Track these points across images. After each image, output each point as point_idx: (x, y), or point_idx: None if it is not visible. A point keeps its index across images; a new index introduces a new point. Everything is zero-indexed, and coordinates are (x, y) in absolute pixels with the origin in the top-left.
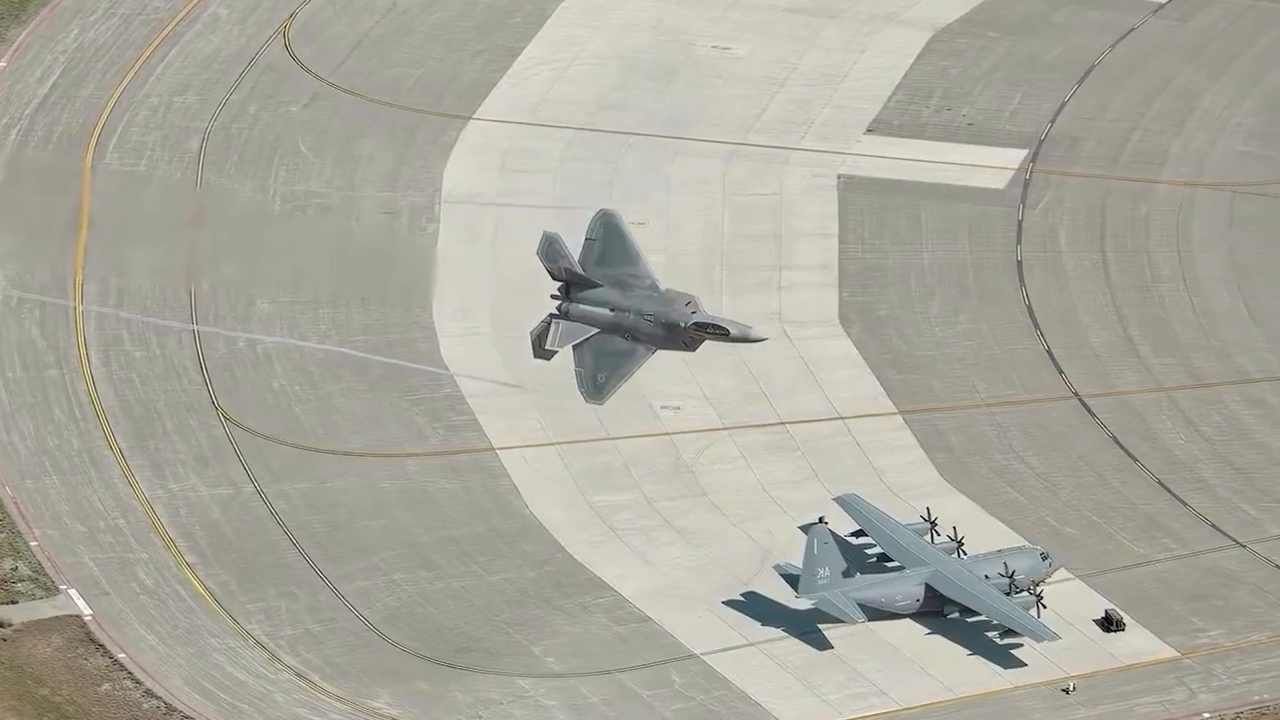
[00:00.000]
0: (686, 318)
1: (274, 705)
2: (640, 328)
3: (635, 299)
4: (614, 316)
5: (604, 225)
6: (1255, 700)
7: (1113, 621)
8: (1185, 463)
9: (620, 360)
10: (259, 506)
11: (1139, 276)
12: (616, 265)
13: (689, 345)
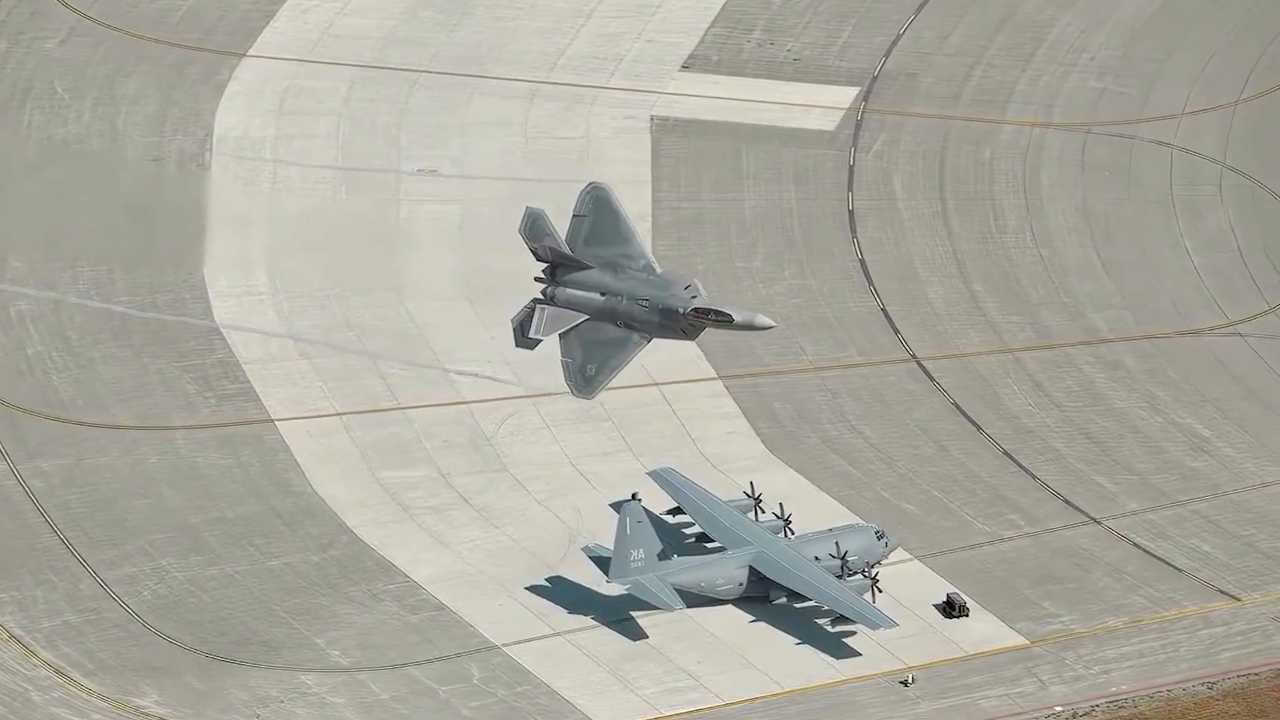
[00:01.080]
0: (685, 303)
1: (30, 705)
2: (634, 314)
3: (629, 282)
4: (605, 301)
5: (594, 200)
6: (1112, 692)
7: (955, 606)
8: (1034, 431)
9: (612, 350)
10: (13, 486)
11: (983, 226)
12: (608, 244)
13: (688, 333)
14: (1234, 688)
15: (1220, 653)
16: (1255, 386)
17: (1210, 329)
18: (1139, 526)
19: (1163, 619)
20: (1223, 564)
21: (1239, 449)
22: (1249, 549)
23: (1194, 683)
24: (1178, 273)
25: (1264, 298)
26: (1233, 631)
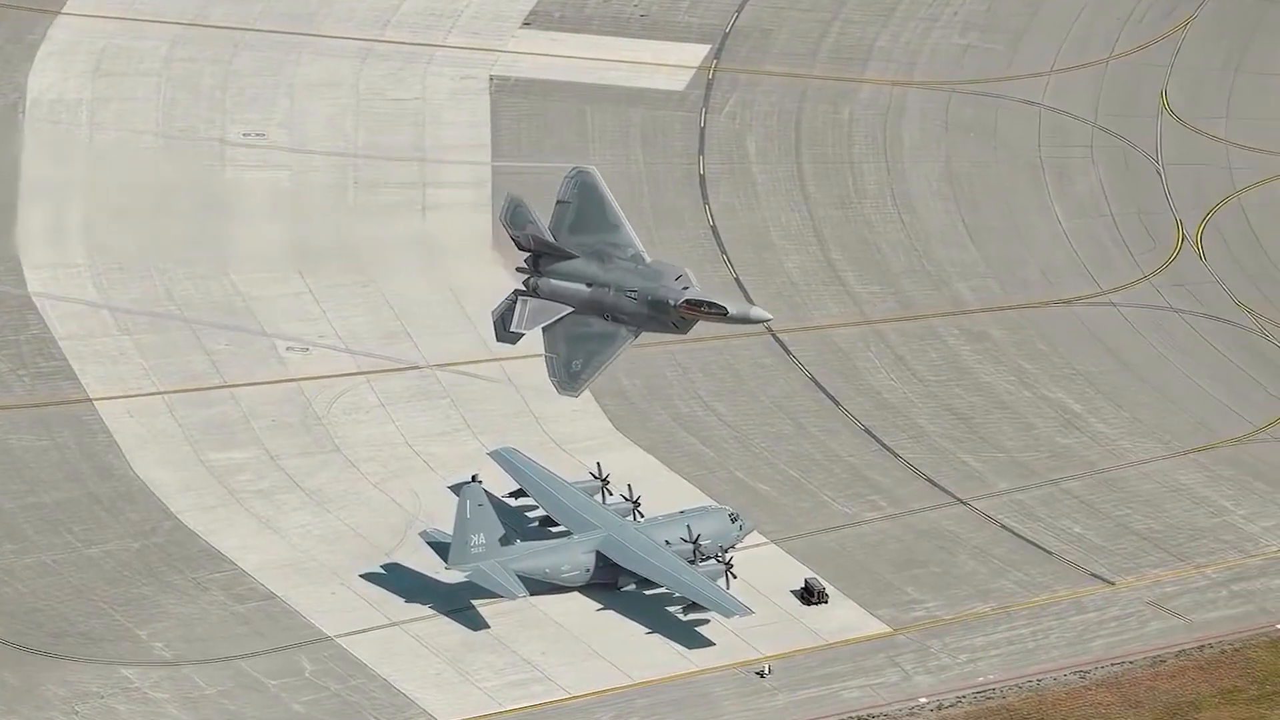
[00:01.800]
0: (677, 295)
1: None
2: (622, 306)
3: (616, 272)
4: (591, 293)
5: (579, 185)
6: (979, 682)
7: (814, 593)
8: (896, 407)
9: (599, 344)
10: None
11: (841, 191)
12: (594, 232)
13: (679, 326)
14: (1107, 676)
15: (1093, 640)
16: (1129, 359)
17: (1081, 298)
18: (1007, 507)
19: (1032, 605)
20: (1095, 546)
21: (1112, 425)
22: (1123, 530)
23: (1065, 671)
24: (1047, 239)
25: (1138, 265)
26: (1106, 617)
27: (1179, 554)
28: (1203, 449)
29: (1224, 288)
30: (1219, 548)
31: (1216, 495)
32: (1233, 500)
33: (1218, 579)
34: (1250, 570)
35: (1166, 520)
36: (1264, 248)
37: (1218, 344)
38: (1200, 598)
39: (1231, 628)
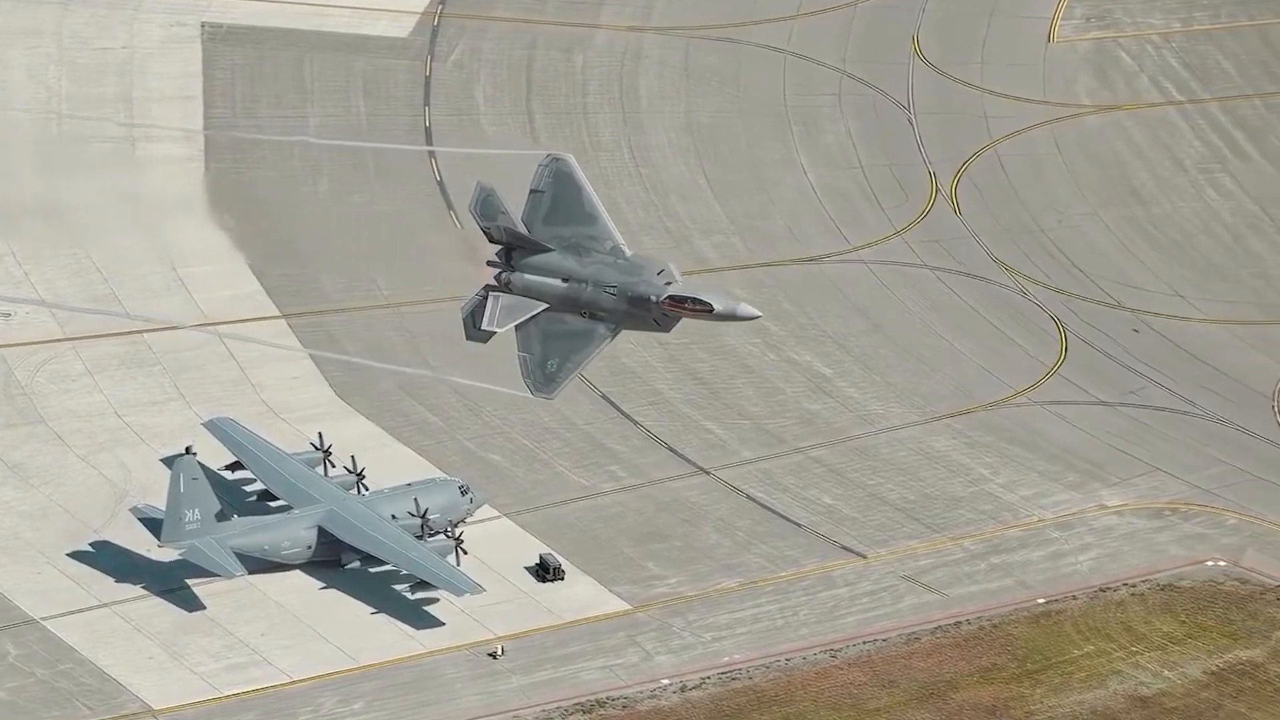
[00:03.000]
0: (659, 290)
1: None
2: (600, 302)
3: (594, 266)
4: (567, 289)
5: (554, 174)
6: (725, 662)
7: (549, 569)
8: (635, 372)
9: (575, 343)
10: None
11: (575, 142)
12: (570, 224)
13: (661, 324)
14: (859, 655)
15: (844, 616)
16: (881, 320)
17: (830, 256)
18: (753, 477)
19: (780, 580)
20: (846, 518)
21: (863, 389)
22: (875, 501)
23: (815, 650)
24: (793, 193)
25: (889, 220)
26: (858, 593)
27: (934, 525)
28: (959, 414)
29: (980, 243)
30: (976, 518)
31: (973, 463)
32: (990, 468)
33: (975, 551)
34: (1009, 542)
35: (921, 490)
36: (1022, 201)
37: (974, 303)
38: (957, 571)
39: (990, 603)
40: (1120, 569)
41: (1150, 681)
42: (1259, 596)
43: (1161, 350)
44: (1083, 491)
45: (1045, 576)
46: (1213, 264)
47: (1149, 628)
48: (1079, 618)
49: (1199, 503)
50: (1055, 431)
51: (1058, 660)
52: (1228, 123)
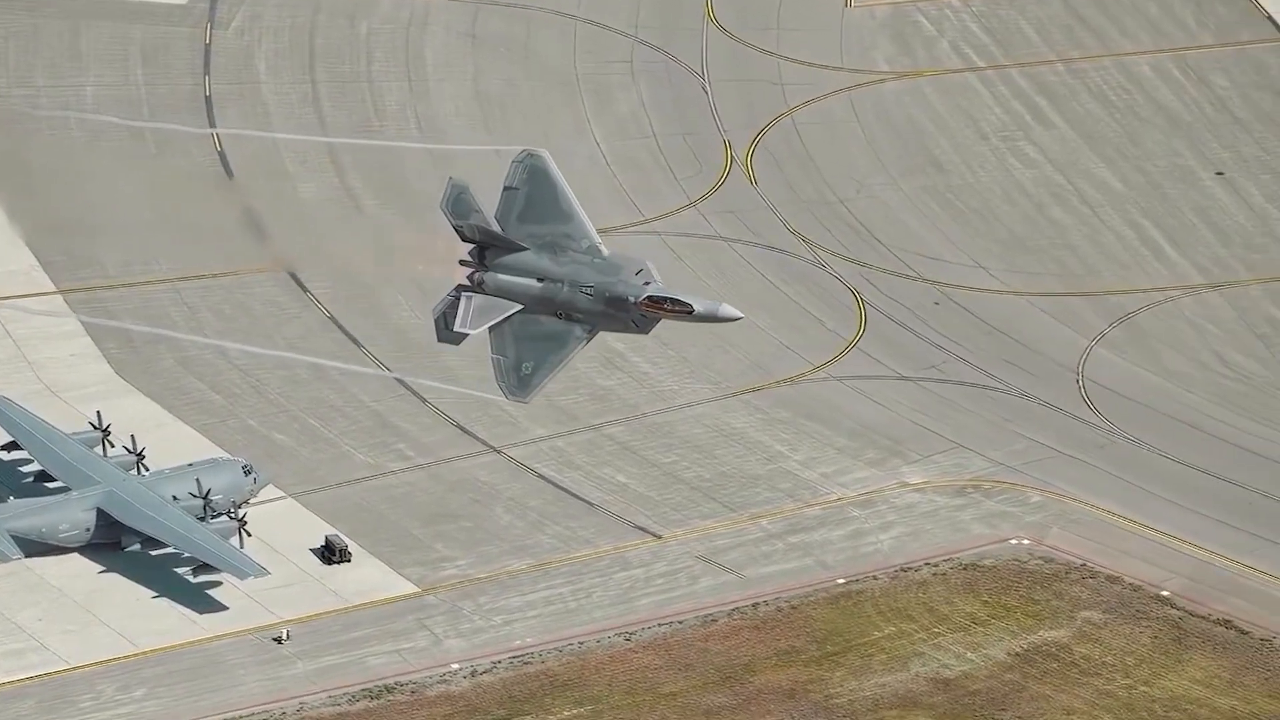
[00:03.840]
0: (637, 290)
1: None
2: (577, 303)
3: (570, 266)
4: (543, 289)
5: (529, 170)
6: (516, 646)
7: (335, 551)
8: (423, 347)
9: (551, 345)
10: None
11: (360, 113)
12: (545, 222)
13: (640, 325)
14: (655, 638)
15: (639, 598)
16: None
17: (624, 227)
18: (544, 455)
19: (573, 561)
20: (641, 496)
21: (658, 365)
22: (671, 479)
23: (610, 633)
24: (585, 163)
25: (683, 190)
26: (653, 574)
27: (731, 504)
28: (755, 389)
29: (777, 214)
30: (774, 497)
31: (771, 440)
32: (788, 445)
33: (773, 530)
34: (808, 521)
35: (717, 468)
36: (819, 170)
37: (771, 275)
38: (754, 551)
39: (788, 583)
40: (922, 548)
41: (953, 663)
42: (1063, 576)
43: (963, 323)
44: (883, 468)
45: (845, 556)
46: (1015, 234)
47: (951, 608)
48: (880, 598)
49: (1002, 480)
50: (854, 407)
51: (858, 642)
52: (1030, 89)
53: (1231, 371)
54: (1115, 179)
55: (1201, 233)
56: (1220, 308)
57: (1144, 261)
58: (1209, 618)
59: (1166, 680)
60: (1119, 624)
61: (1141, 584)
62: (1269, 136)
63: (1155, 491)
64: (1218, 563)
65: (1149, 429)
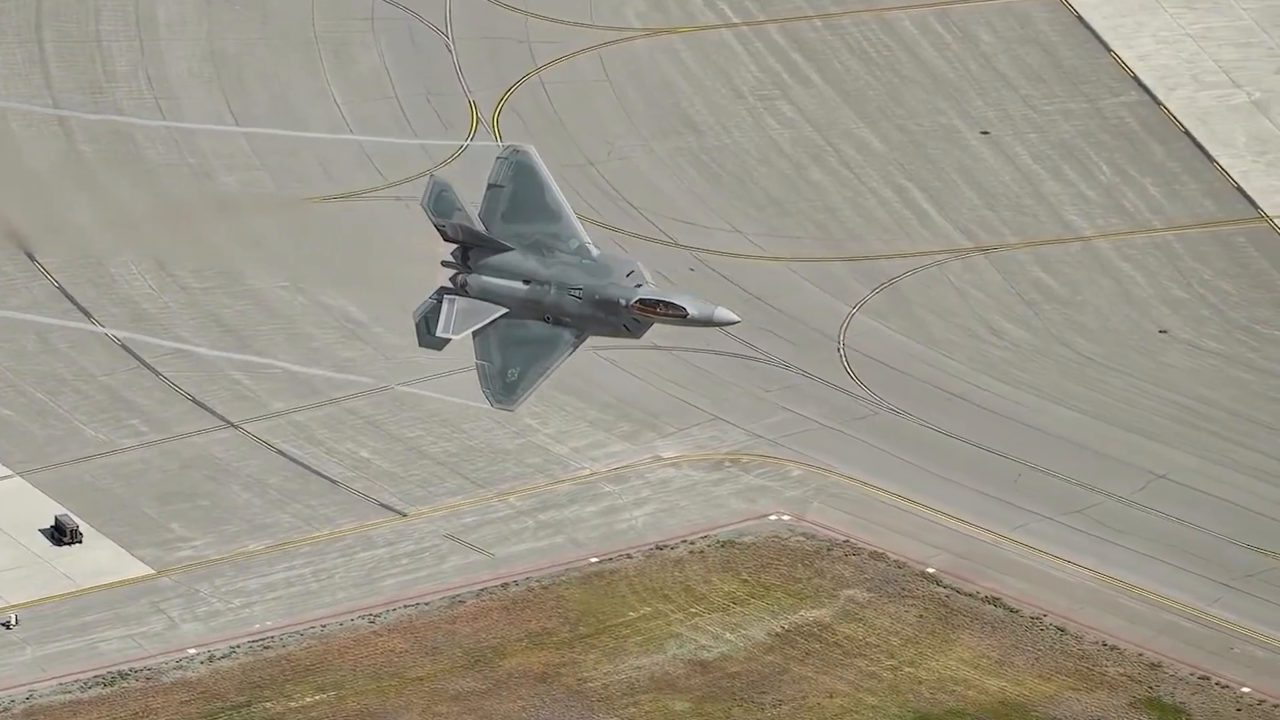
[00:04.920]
0: (628, 293)
1: None
2: (565, 306)
3: (558, 267)
4: (529, 291)
5: (514, 167)
6: (256, 630)
7: (66, 531)
8: (156, 318)
9: (539, 351)
10: None
11: (89, 74)
12: (532, 221)
13: (631, 329)
14: (400, 620)
15: (384, 579)
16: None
17: (365, 192)
18: (284, 430)
19: (315, 540)
20: (385, 472)
21: (402, 335)
22: (416, 454)
23: (353, 615)
24: (324, 126)
25: (427, 155)
26: (398, 553)
27: (479, 480)
28: None
29: None
30: (524, 472)
31: (520, 412)
32: (538, 418)
33: (523, 508)
34: (559, 497)
35: (464, 442)
36: (569, 131)
37: None
38: (504, 529)
39: (539, 562)
40: (678, 525)
41: (711, 645)
42: (825, 553)
43: (720, 290)
44: (637, 442)
45: (598, 534)
46: (772, 197)
47: (709, 587)
48: (634, 578)
49: (761, 453)
50: (607, 378)
51: (612, 623)
52: (787, 45)
53: (998, 339)
54: (877, 139)
55: (966, 194)
56: (986, 272)
57: (907, 225)
58: (977, 595)
59: (933, 661)
60: (883, 603)
61: (906, 561)
62: (1035, 94)
63: (920, 464)
64: (985, 538)
65: (913, 399)
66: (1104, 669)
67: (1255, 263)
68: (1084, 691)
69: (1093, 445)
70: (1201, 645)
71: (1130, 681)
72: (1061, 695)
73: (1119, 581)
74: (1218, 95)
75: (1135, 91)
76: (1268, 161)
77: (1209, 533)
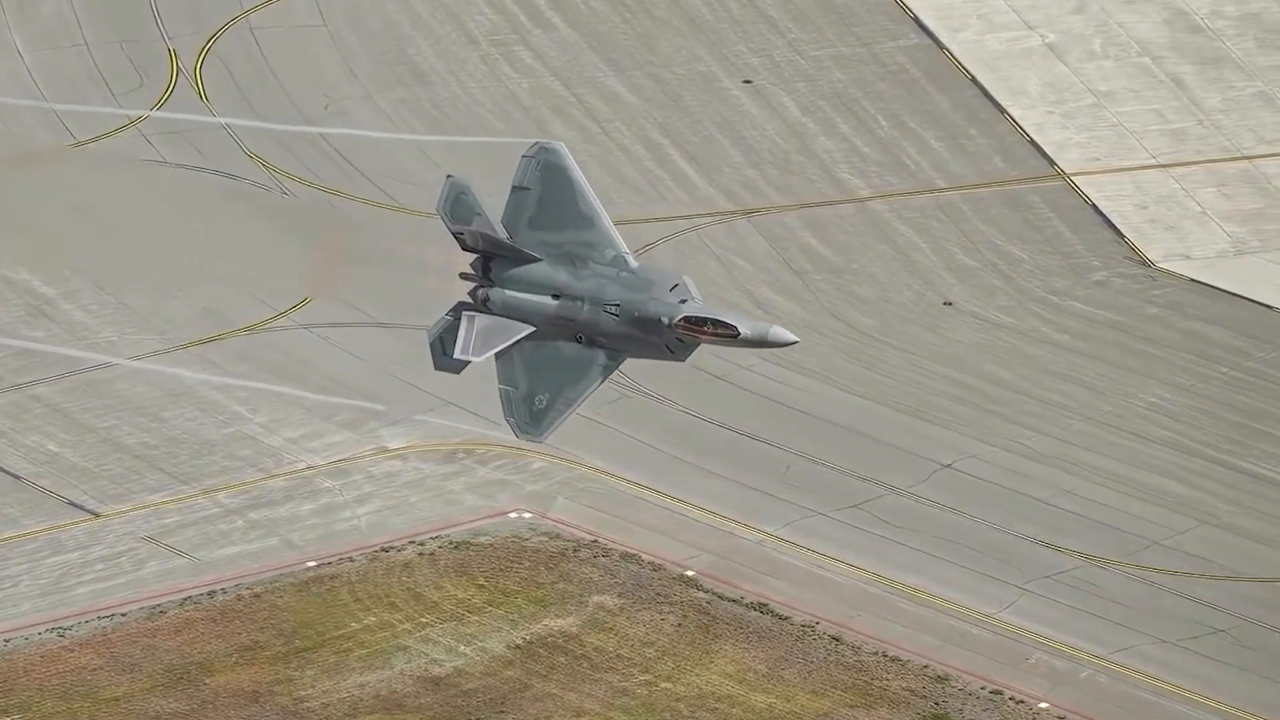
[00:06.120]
0: (672, 310)
1: None
2: (600, 324)
3: (592, 280)
4: (560, 308)
5: (542, 167)
6: None
7: None
8: None
9: (569, 375)
10: None
11: None
12: (562, 228)
13: (675, 351)
14: (94, 633)
15: (74, 587)
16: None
17: (46, 152)
18: None
19: None
20: (75, 467)
21: (94, 313)
22: (110, 447)
23: (40, 628)
24: (3, 78)
25: (121, 108)
26: (90, 558)
27: (182, 475)
28: (209, 340)
29: (232, 135)
30: (232, 466)
31: (227, 399)
32: (248, 406)
33: (232, 506)
34: (272, 494)
35: (164, 433)
36: (281, 83)
37: (227, 207)
38: (210, 530)
39: (250, 567)
40: (406, 524)
41: (444, 659)
42: (571, 554)
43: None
44: (360, 431)
45: (316, 535)
46: (511, 155)
47: (441, 594)
48: (357, 583)
49: (499, 443)
50: (325, 360)
51: (333, 635)
52: None
53: (765, 312)
54: (627, 90)
55: (728, 151)
56: (750, 238)
57: (661, 185)
58: (741, 601)
59: (693, 675)
60: (637, 610)
61: (662, 563)
62: (804, 38)
63: (678, 454)
64: (751, 536)
65: (669, 382)
66: (884, 682)
67: (1050, 225)
68: (862, 708)
69: (870, 432)
70: (994, 655)
71: (914, 696)
72: (837, 712)
73: (901, 584)
74: (1008, 38)
75: (916, 34)
76: (1064, 112)
77: (1001, 529)
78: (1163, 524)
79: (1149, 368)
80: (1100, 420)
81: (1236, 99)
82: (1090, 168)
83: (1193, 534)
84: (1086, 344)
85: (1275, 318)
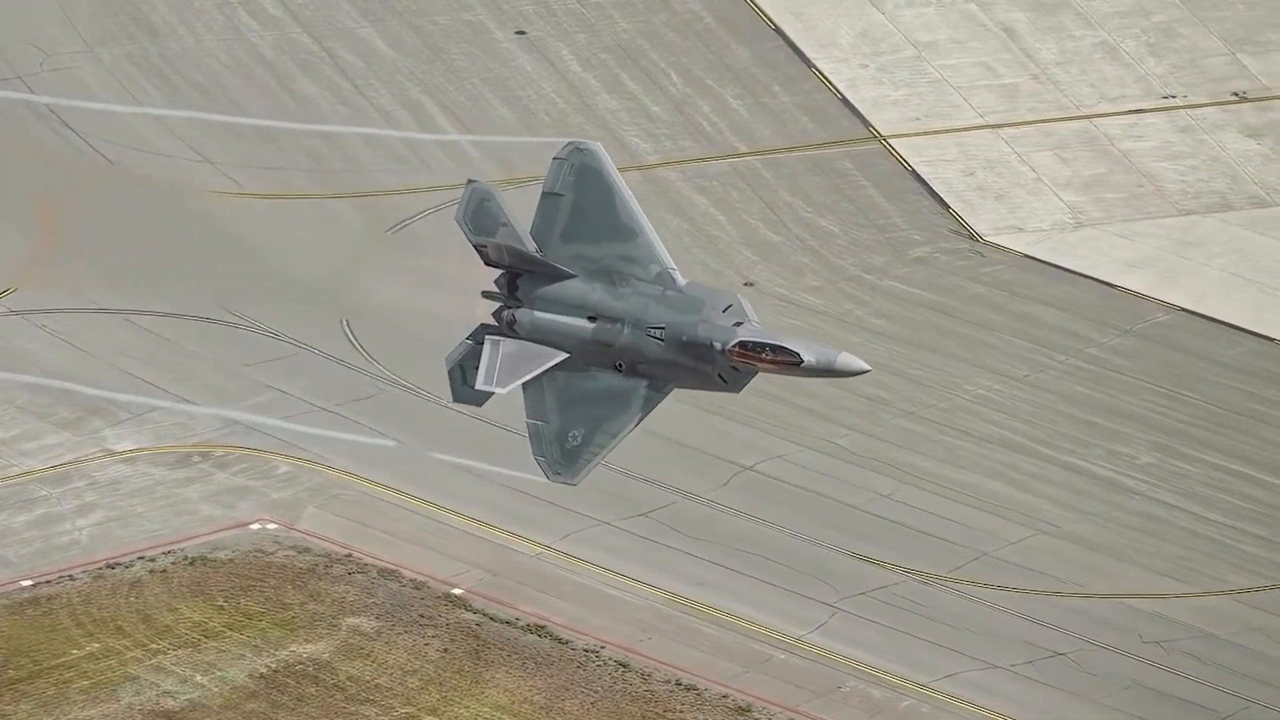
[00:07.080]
0: (726, 334)
1: None
2: (643, 350)
3: (634, 300)
4: (596, 331)
5: (576, 171)
6: None
7: None
8: None
9: (608, 408)
10: None
11: None
12: (599, 240)
13: (728, 381)
14: None
15: None
16: None
17: None
18: None
19: None
20: None
21: None
22: None
23: None
24: None
25: None
26: None
27: None
28: None
29: None
30: None
31: None
32: None
33: None
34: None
35: None
36: None
37: None
38: None
39: None
40: (134, 537)
41: (177, 690)
42: (324, 571)
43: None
44: (81, 432)
45: (32, 550)
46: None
47: (175, 617)
48: (79, 605)
49: (240, 444)
50: (41, 350)
51: (50, 664)
52: None
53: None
54: (384, 42)
55: (498, 111)
56: (524, 211)
57: (424, 151)
58: (516, 623)
59: (461, 707)
60: (397, 633)
61: (426, 579)
62: None
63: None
64: (527, 550)
65: (432, 373)
66: (678, 714)
67: (864, 194)
68: None
69: (662, 431)
70: (802, 683)
71: None
72: None
73: (696, 603)
74: None
75: None
76: (879, 65)
77: (810, 540)
78: (993, 533)
79: (977, 355)
80: (922, 415)
81: (1075, 50)
82: (909, 129)
83: (1028, 544)
84: (906, 329)
85: (1119, 298)
